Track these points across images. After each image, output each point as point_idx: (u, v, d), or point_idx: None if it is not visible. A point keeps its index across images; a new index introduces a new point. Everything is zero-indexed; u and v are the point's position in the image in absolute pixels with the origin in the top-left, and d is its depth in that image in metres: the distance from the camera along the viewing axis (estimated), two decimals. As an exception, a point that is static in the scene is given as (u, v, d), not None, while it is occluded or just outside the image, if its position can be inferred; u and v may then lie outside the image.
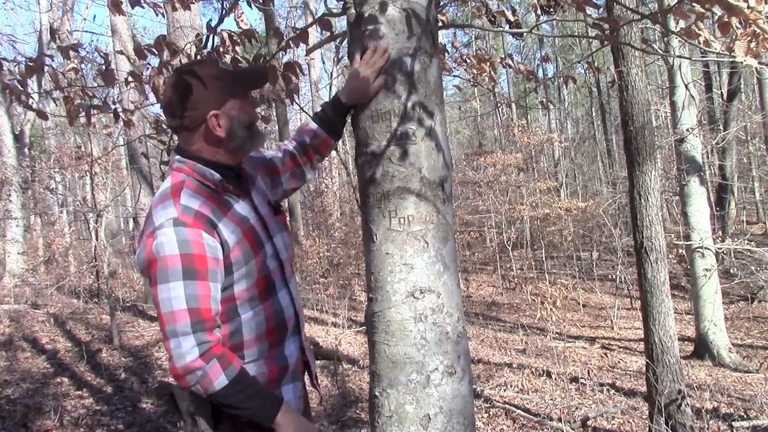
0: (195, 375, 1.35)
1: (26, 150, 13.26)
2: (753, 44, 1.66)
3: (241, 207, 1.53)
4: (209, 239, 1.40)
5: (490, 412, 5.36)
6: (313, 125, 1.75)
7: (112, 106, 2.60)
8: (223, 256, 1.42)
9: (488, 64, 2.76)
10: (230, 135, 1.50)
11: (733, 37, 1.66)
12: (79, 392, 5.55)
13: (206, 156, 1.51)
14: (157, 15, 2.47)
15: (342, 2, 1.59)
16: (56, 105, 2.70)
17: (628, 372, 6.98)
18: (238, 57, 2.59)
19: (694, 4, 1.74)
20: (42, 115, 2.56)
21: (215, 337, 1.38)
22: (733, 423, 4.88)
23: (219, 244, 1.42)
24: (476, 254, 16.67)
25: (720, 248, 8.62)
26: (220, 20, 2.43)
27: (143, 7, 2.44)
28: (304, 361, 1.65)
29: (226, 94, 1.49)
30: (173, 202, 1.42)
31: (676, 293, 9.90)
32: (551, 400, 5.74)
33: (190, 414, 1.47)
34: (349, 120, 1.72)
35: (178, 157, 1.53)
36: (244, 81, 1.55)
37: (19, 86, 2.36)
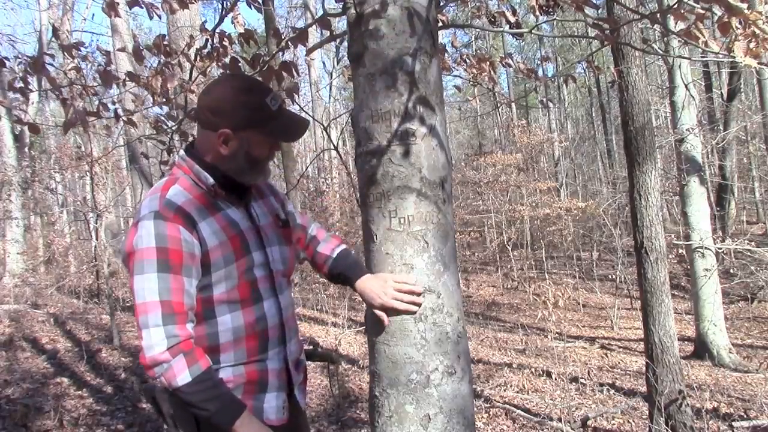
0: (161, 367, 1.36)
1: (26, 150, 13.25)
2: (752, 45, 1.66)
3: (233, 212, 1.54)
4: (187, 234, 1.41)
5: (490, 412, 5.35)
6: (326, 255, 1.74)
7: (112, 107, 2.60)
8: (200, 253, 1.44)
9: (488, 63, 2.76)
10: (231, 157, 1.51)
11: (733, 37, 1.67)
12: (79, 392, 5.55)
13: (207, 158, 1.52)
14: (151, 18, 2.46)
15: (342, 2, 1.59)
16: (58, 96, 2.70)
17: (628, 372, 6.98)
18: (237, 57, 2.59)
19: (693, 4, 1.74)
20: (34, 129, 2.55)
21: (186, 332, 1.39)
22: (733, 423, 4.88)
23: (197, 241, 1.43)
24: (476, 254, 16.68)
25: (720, 248, 8.61)
26: (220, 20, 2.43)
27: (141, 7, 2.44)
28: (288, 373, 1.62)
29: (248, 127, 1.49)
30: (159, 196, 1.45)
31: (676, 293, 9.90)
32: (551, 400, 5.74)
33: (171, 416, 1.47)
34: (349, 120, 1.73)
35: (182, 153, 1.56)
36: (275, 130, 1.52)
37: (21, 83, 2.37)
